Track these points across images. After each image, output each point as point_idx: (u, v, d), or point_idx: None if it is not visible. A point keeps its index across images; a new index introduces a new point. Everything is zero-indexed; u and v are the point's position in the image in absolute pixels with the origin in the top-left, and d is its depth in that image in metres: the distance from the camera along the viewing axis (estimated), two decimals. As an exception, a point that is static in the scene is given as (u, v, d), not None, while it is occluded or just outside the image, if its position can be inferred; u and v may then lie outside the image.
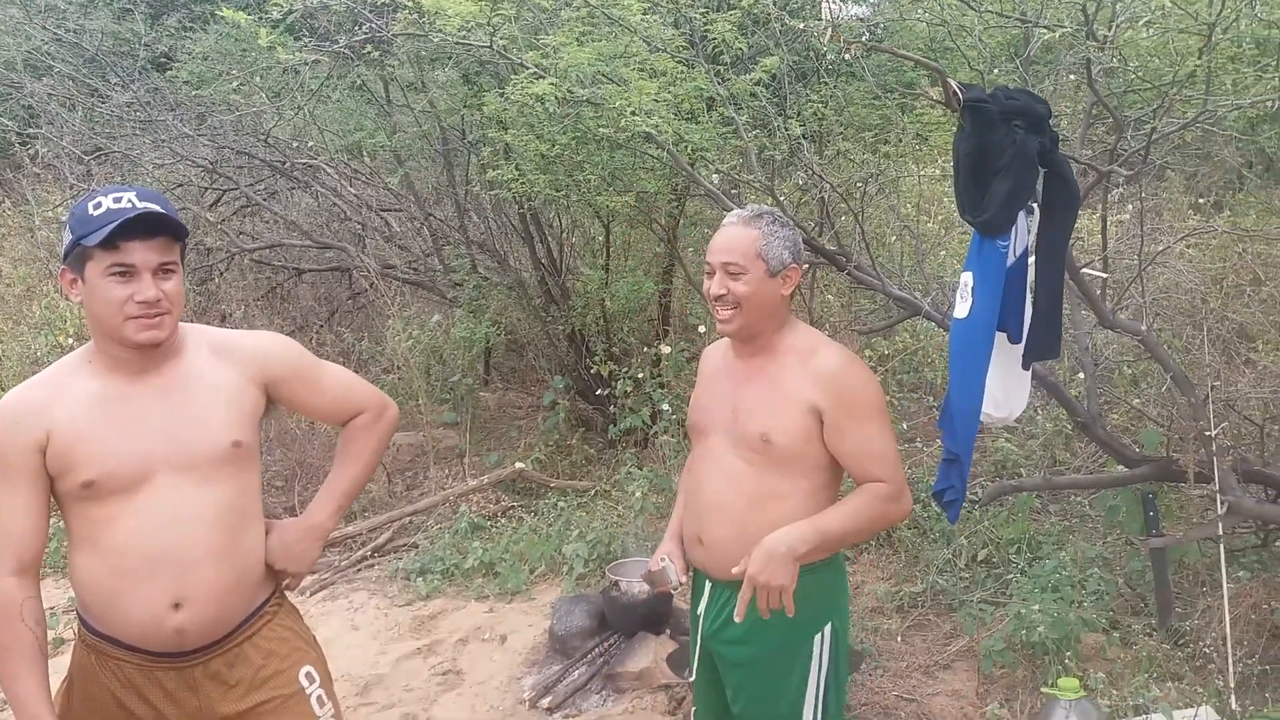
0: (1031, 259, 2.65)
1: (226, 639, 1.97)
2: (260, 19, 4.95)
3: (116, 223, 1.78)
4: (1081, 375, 4.00)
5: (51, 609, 4.49)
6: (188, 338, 2.00)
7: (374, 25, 4.49)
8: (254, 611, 2.03)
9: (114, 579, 1.87)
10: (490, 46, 3.45)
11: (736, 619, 2.05)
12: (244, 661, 2.00)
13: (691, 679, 2.41)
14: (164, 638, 1.89)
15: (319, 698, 2.10)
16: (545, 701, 3.69)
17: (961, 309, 2.54)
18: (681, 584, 2.40)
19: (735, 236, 2.17)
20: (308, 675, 2.09)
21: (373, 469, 2.28)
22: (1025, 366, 2.66)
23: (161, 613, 1.87)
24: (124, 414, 1.89)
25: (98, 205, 1.82)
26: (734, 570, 2.05)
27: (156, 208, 1.84)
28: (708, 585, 2.31)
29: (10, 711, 1.85)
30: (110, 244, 1.80)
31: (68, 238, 1.85)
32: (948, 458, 2.57)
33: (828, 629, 2.21)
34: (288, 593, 2.18)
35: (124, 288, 1.82)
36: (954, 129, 2.54)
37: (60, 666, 4.07)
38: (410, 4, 3.58)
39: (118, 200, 1.82)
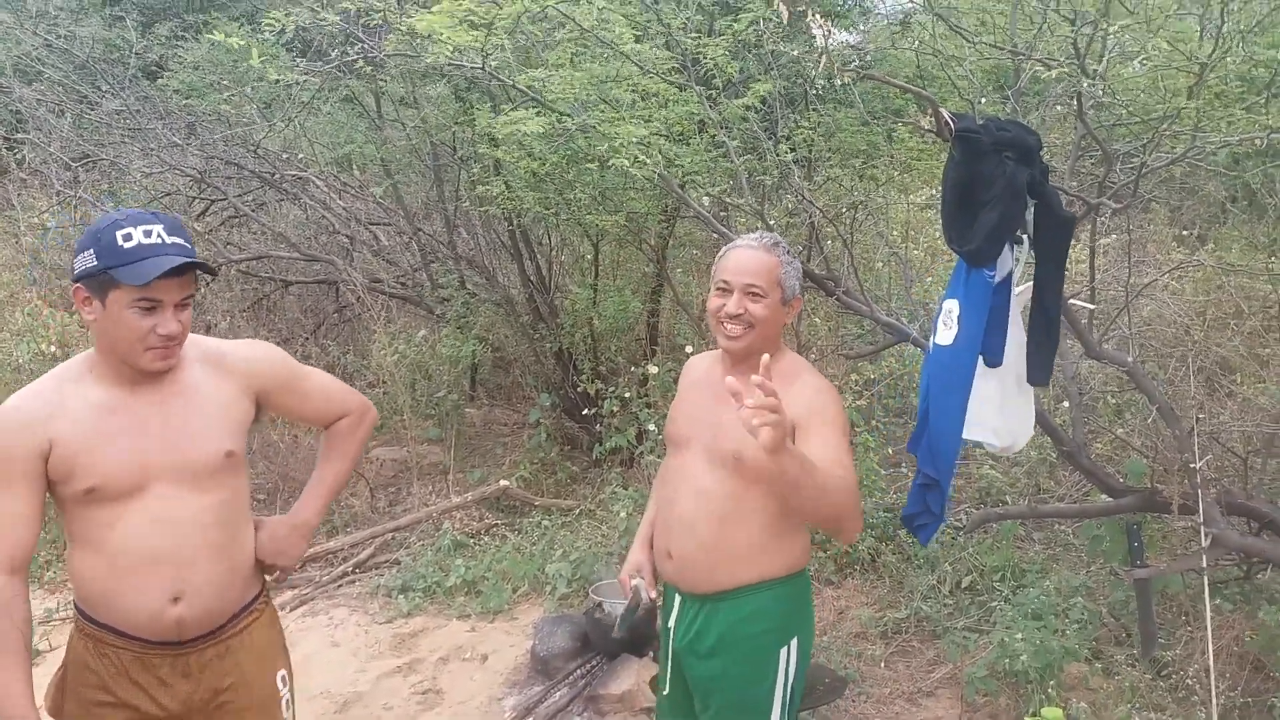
0: (1018, 288, 2.67)
1: (220, 630, 2.08)
2: (253, 33, 4.95)
3: (162, 270, 1.85)
4: (1066, 404, 4.02)
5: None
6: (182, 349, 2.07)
7: (366, 45, 4.49)
8: (245, 606, 2.14)
9: (115, 577, 1.96)
10: (482, 68, 3.46)
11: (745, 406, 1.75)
12: (232, 655, 2.10)
13: (666, 692, 2.43)
14: (164, 628, 1.99)
15: (287, 701, 2.22)
16: (526, 723, 3.67)
17: (945, 336, 2.56)
18: (654, 599, 2.44)
19: (759, 260, 2.22)
20: (282, 679, 2.22)
21: (353, 467, 2.42)
22: (1032, 381, 2.68)
23: (162, 606, 1.97)
24: (124, 424, 1.96)
25: (128, 237, 1.87)
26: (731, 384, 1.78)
27: (183, 244, 1.93)
28: (678, 599, 2.35)
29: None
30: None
31: (89, 261, 1.89)
32: (923, 482, 2.58)
33: (794, 642, 2.27)
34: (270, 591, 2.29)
35: (147, 320, 1.90)
36: (939, 158, 2.57)
37: (37, 678, 4.01)
38: (403, 29, 3.58)
39: (148, 234, 1.88)
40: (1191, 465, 3.33)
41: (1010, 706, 3.52)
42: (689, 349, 5.71)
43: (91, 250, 1.89)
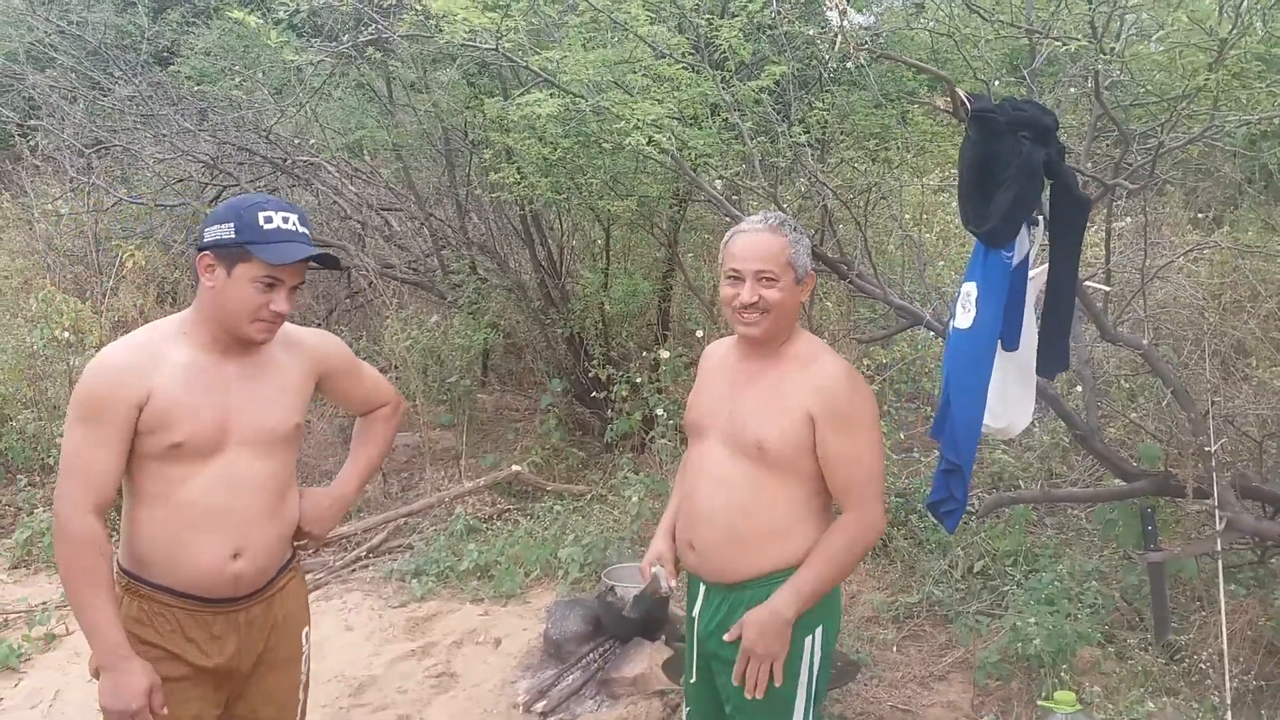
0: (1033, 271, 2.65)
1: (267, 587, 2.23)
2: (265, 17, 4.94)
3: (301, 256, 2.05)
4: (1079, 388, 4.00)
5: (44, 604, 4.47)
6: None
7: (380, 26, 4.48)
8: (285, 565, 2.29)
9: (181, 530, 2.08)
10: (496, 49, 3.45)
11: (734, 681, 2.19)
12: (272, 611, 2.25)
13: (693, 680, 2.41)
14: (223, 583, 2.12)
15: (307, 657, 2.38)
16: (539, 706, 3.68)
17: (964, 319, 2.54)
18: (673, 588, 2.43)
19: (767, 244, 2.18)
20: (306, 636, 2.37)
21: (387, 452, 2.61)
22: (1042, 373, 2.67)
23: (223, 561, 2.11)
24: (213, 387, 2.10)
25: (269, 219, 2.05)
26: (726, 638, 2.20)
27: (310, 236, 2.12)
28: (702, 588, 2.34)
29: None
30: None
31: (226, 233, 2.04)
32: (946, 468, 2.56)
33: (819, 630, 2.24)
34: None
35: (264, 295, 2.06)
36: (952, 140, 2.55)
37: (55, 661, 4.03)
38: (418, 8, 3.57)
39: (286, 220, 2.07)
40: (1206, 449, 3.31)
41: (1022, 690, 3.52)
42: (700, 333, 5.71)
43: (232, 224, 2.04)
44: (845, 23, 2.78)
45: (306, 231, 2.11)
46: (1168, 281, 4.93)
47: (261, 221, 2.04)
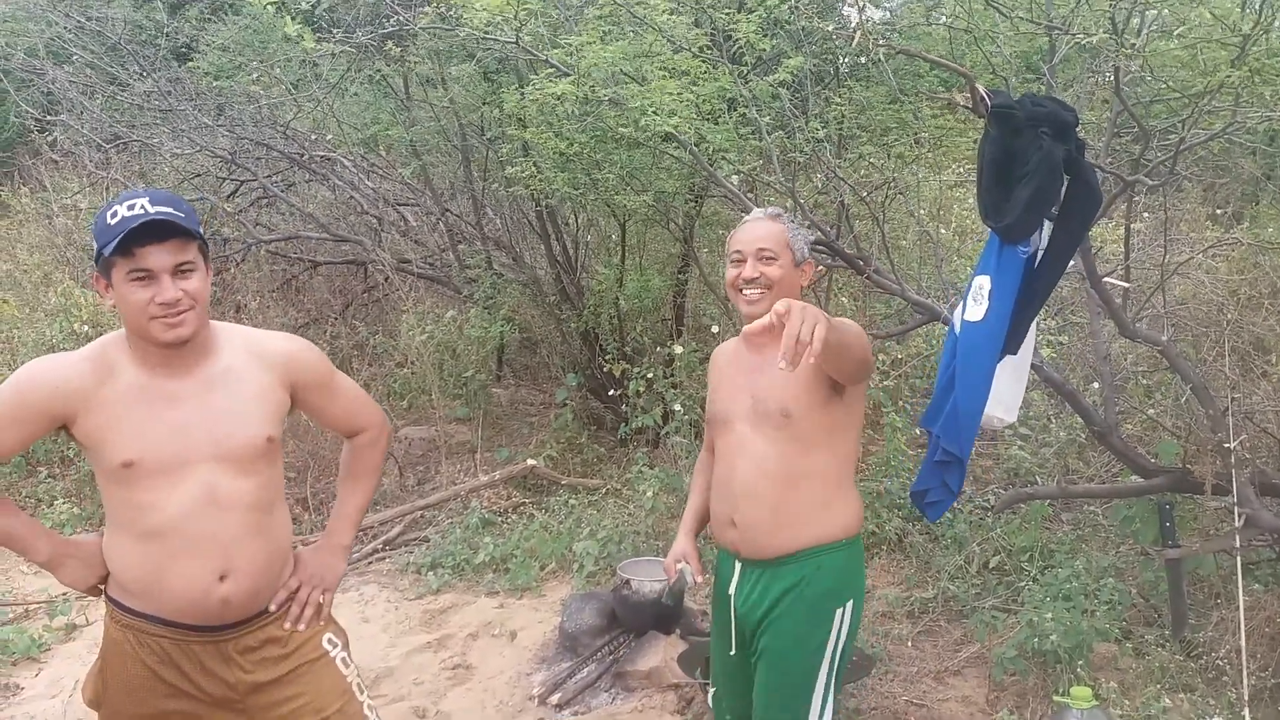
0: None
1: (259, 616, 2.08)
2: (281, 8, 4.97)
3: (123, 232, 1.85)
4: (1097, 384, 3.99)
5: (65, 594, 4.51)
6: (221, 335, 2.08)
7: (401, 18, 4.49)
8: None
9: (160, 557, 1.96)
10: (515, 42, 3.46)
11: (765, 316, 1.75)
12: (273, 637, 2.10)
13: (732, 653, 2.45)
14: (209, 609, 1.98)
15: (343, 659, 2.22)
16: (554, 698, 3.69)
17: (975, 312, 2.54)
18: (698, 583, 2.51)
19: (765, 228, 2.35)
20: (330, 641, 2.21)
21: (377, 486, 2.40)
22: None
23: (209, 585, 1.97)
24: (164, 403, 1.97)
25: (114, 214, 1.88)
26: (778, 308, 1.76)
27: (168, 210, 1.90)
28: (737, 566, 2.39)
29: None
30: (126, 251, 1.87)
31: (96, 246, 1.92)
32: (941, 459, 2.56)
33: (849, 605, 2.32)
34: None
35: (145, 290, 1.89)
36: (968, 135, 2.54)
37: (75, 651, 4.06)
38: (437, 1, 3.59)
39: (131, 207, 1.88)
40: (1225, 445, 3.30)
41: (1038, 686, 3.51)
42: (715, 328, 5.71)
43: (95, 236, 1.92)
44: (863, 18, 2.77)
45: (166, 209, 1.88)
46: (1187, 278, 4.91)
47: (108, 219, 1.87)
